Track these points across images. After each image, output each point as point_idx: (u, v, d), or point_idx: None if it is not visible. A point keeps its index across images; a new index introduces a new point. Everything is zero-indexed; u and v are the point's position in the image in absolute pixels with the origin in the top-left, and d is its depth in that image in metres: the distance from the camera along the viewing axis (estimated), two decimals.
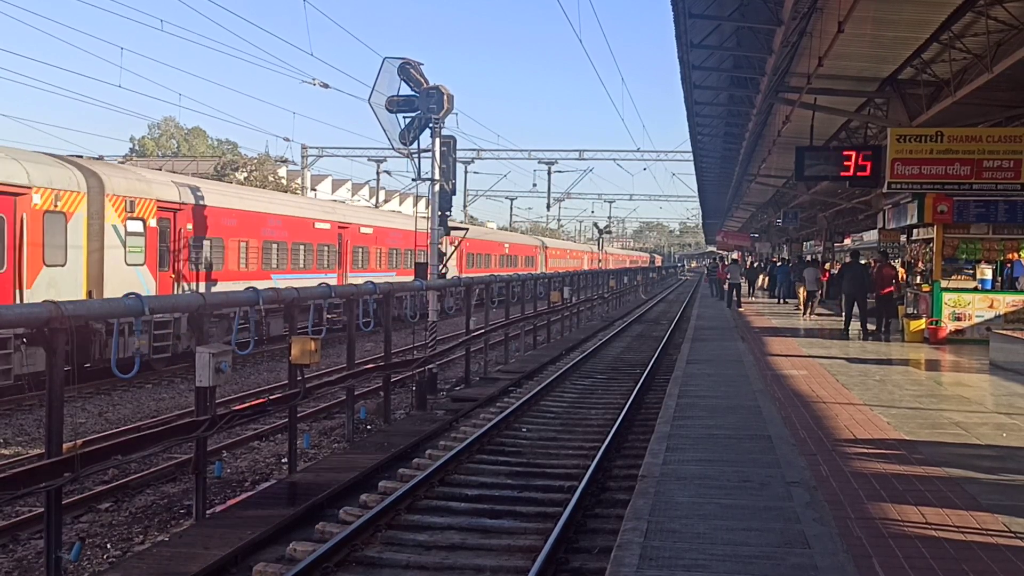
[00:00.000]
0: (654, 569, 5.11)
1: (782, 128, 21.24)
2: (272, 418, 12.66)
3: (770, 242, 57.25)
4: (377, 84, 17.53)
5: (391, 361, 13.71)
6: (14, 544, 8.32)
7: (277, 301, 10.45)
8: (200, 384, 8.19)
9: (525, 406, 14.14)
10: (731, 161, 33.37)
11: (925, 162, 16.68)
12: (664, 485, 6.85)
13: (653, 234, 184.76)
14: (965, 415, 9.90)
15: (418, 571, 7.13)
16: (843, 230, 40.83)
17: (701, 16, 14.80)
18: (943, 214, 17.52)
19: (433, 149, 17.72)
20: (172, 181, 20.54)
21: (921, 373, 13.70)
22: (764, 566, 5.14)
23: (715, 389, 11.82)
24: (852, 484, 6.90)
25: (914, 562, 5.19)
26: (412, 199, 54.76)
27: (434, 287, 16.54)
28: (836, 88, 17.55)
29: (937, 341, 17.40)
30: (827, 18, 13.03)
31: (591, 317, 34.53)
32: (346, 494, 9.32)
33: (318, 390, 11.29)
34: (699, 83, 20.08)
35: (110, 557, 8.02)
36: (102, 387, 16.49)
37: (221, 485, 10.27)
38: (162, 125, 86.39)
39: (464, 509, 8.72)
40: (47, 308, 6.55)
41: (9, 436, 12.90)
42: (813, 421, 9.48)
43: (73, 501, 9.20)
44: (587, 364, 20.36)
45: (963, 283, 17.81)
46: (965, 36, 13.93)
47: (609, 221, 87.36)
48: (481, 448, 11.33)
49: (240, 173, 53.38)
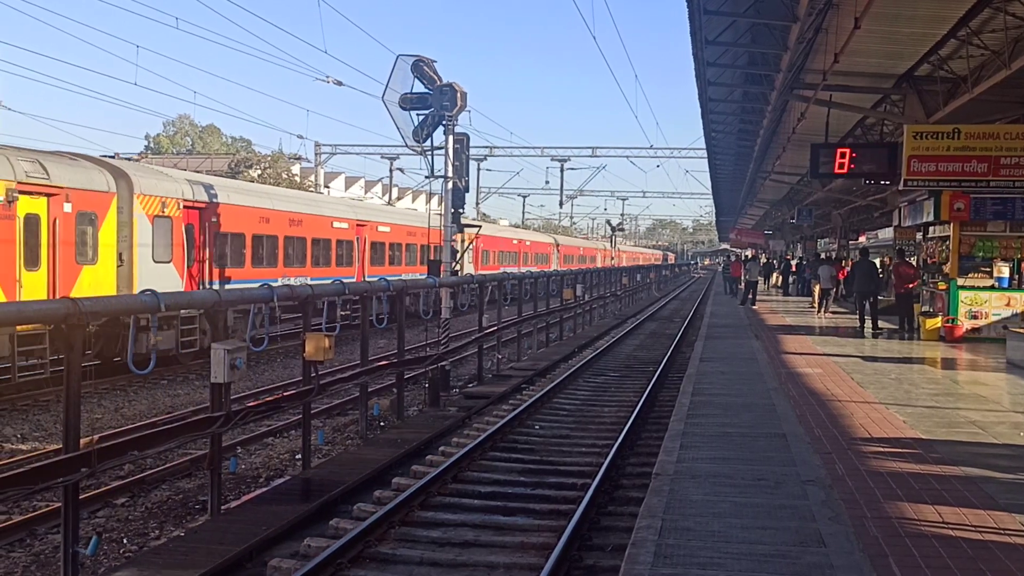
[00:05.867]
0: (668, 567, 5.09)
1: (797, 125, 21.13)
2: (286, 414, 12.71)
3: (784, 240, 57.04)
4: (391, 82, 17.53)
5: (404, 358, 13.73)
6: (31, 538, 8.38)
7: (292, 298, 10.48)
8: (215, 380, 8.22)
9: (538, 403, 14.13)
10: (745, 158, 33.25)
11: (942, 159, 16.56)
12: (678, 483, 6.83)
13: (666, 231, 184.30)
14: (982, 414, 9.83)
15: (431, 567, 7.15)
16: (858, 228, 40.61)
17: (716, 12, 14.74)
18: (960, 212, 17.41)
19: (446, 146, 17.71)
20: (198, 181, 20.82)
21: (937, 371, 13.62)
22: (779, 565, 5.12)
23: (729, 387, 11.78)
24: (868, 483, 6.86)
25: (931, 561, 5.16)
26: (425, 196, 54.81)
27: (447, 284, 16.55)
28: (852, 85, 17.45)
29: (953, 339, 17.29)
30: (843, 14, 12.96)
31: (604, 315, 34.48)
32: (360, 490, 9.35)
33: (332, 387, 11.33)
34: (713, 80, 20.02)
35: (126, 552, 8.07)
36: (118, 383, 16.59)
37: (236, 481, 10.31)
38: (177, 123, 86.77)
39: (477, 506, 8.73)
40: (64, 305, 6.59)
41: (26, 431, 13.00)
42: (828, 419, 9.44)
43: (90, 496, 9.25)
44: (600, 361, 20.33)
45: (980, 281, 17.69)
46: (982, 32, 13.82)
47: (622, 218, 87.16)
48: (494, 445, 11.34)
49: (254, 170, 53.53)
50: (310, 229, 24.97)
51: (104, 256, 16.67)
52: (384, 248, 30.41)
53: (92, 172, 16.69)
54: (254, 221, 22.07)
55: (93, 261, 16.41)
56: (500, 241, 45.60)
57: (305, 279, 22.97)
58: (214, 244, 20.02)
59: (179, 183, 19.32)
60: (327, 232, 26.06)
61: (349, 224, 27.64)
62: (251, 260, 21.94)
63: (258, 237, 22.27)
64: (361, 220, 28.56)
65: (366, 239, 28.75)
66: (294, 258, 24.10)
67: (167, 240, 18.31)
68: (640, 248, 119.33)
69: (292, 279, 22.46)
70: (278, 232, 23.21)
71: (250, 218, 21.88)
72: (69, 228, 15.73)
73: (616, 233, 72.39)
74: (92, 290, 15.78)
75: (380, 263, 29.72)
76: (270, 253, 22.84)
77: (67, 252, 15.72)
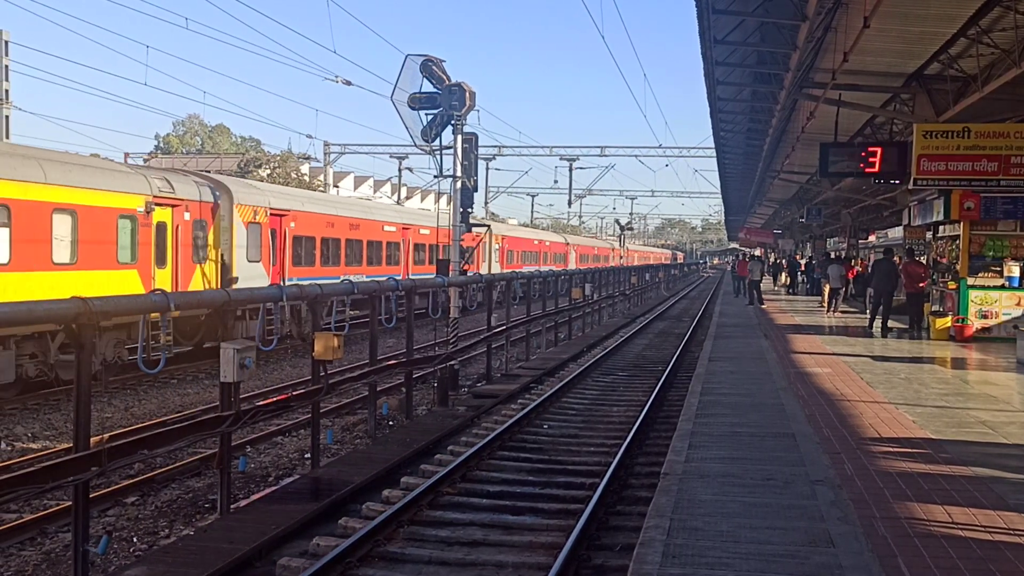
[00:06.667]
0: (677, 567, 5.09)
1: (806, 124, 21.06)
2: (295, 414, 12.75)
3: (793, 239, 56.86)
4: (400, 81, 17.54)
5: (413, 357, 13.75)
6: (42, 537, 8.43)
7: (300, 298, 10.51)
8: (224, 380, 8.25)
9: (547, 403, 14.14)
10: (754, 157, 33.14)
11: (952, 158, 16.48)
12: (687, 483, 6.83)
13: (675, 231, 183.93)
14: (992, 414, 9.80)
15: (440, 567, 7.16)
16: (867, 227, 40.47)
17: (725, 12, 14.70)
18: (970, 211, 17.34)
19: (455, 146, 17.72)
20: (280, 192, 24.48)
21: (947, 371, 13.56)
22: (788, 565, 5.11)
23: (738, 387, 11.76)
24: (877, 483, 6.85)
25: (940, 562, 5.14)
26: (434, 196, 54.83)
27: (456, 283, 16.56)
28: (861, 84, 17.37)
29: (963, 339, 17.22)
30: (852, 13, 12.91)
31: (612, 314, 34.46)
32: (369, 489, 9.37)
33: (341, 386, 11.34)
34: (722, 79, 19.96)
35: (136, 550, 8.10)
36: (128, 382, 16.66)
37: (245, 480, 10.34)
38: (187, 122, 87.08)
39: (486, 505, 8.74)
40: (75, 304, 6.61)
41: (37, 430, 13.07)
42: (837, 419, 9.42)
43: (100, 495, 9.30)
44: (609, 361, 20.32)
45: (990, 280, 17.61)
46: (992, 31, 13.76)
47: (631, 217, 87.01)
48: (503, 444, 11.34)
49: (263, 170, 53.64)
50: (365, 232, 27.64)
51: (212, 256, 19.37)
52: (425, 249, 32.54)
53: (203, 186, 19.39)
54: (322, 226, 24.65)
55: (204, 261, 19.07)
56: (523, 242, 48.27)
57: (362, 277, 23.84)
58: (292, 246, 22.77)
59: (266, 194, 22.24)
60: (379, 235, 28.70)
61: (396, 228, 30.17)
62: (320, 260, 24.48)
63: (325, 240, 24.85)
64: (406, 224, 31.05)
65: (410, 241, 31.08)
66: (352, 258, 26.60)
67: (257, 242, 20.96)
68: (650, 248, 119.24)
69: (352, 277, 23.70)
70: (340, 235, 25.78)
71: (319, 223, 24.50)
72: (188, 233, 18.47)
73: (625, 232, 72.33)
74: (203, 285, 18.73)
75: (422, 263, 31.95)
76: (334, 254, 25.42)
77: (186, 253, 18.41)
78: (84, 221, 15.36)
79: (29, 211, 14.24)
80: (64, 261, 14.97)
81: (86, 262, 15.44)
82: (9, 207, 13.92)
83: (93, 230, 15.58)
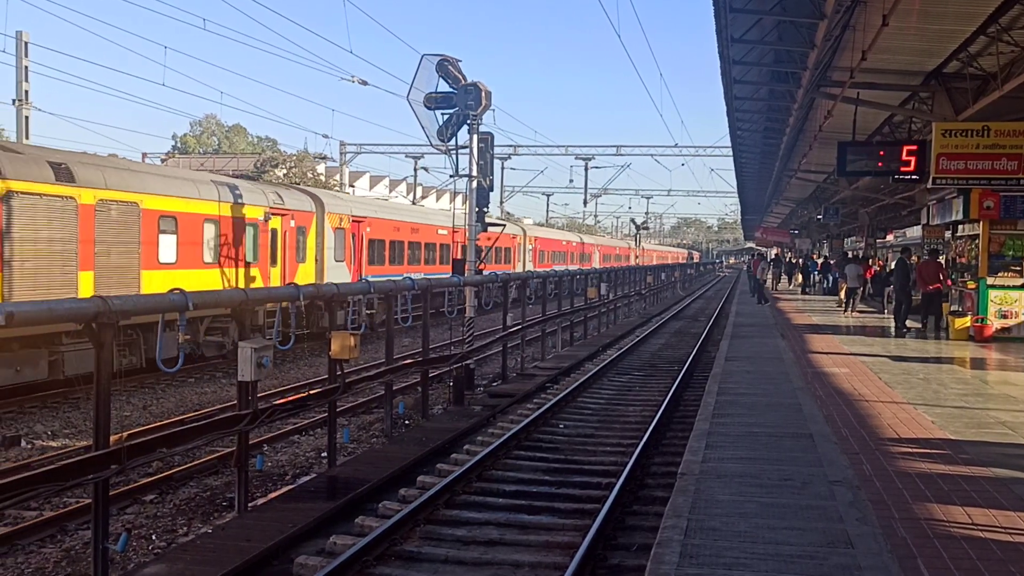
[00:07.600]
0: (694, 567, 5.08)
1: (824, 123, 20.94)
2: (312, 412, 12.79)
3: (810, 238, 56.56)
4: (416, 81, 17.57)
5: (429, 356, 13.77)
6: (62, 534, 8.50)
7: (317, 297, 10.54)
8: (242, 379, 8.29)
9: (562, 402, 14.13)
10: (771, 156, 32.99)
11: (971, 157, 16.35)
12: (704, 483, 6.81)
13: (691, 230, 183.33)
14: (1012, 414, 9.72)
15: (456, 566, 7.17)
16: (885, 226, 40.17)
17: (742, 11, 14.64)
18: (989, 210, 17.18)
19: (471, 145, 17.74)
20: (358, 201, 28.47)
21: (966, 371, 13.46)
22: (807, 566, 5.09)
23: (755, 386, 11.71)
24: (896, 483, 6.81)
25: (960, 563, 5.11)
26: (449, 195, 54.89)
27: (471, 283, 16.57)
28: (880, 82, 17.26)
29: (982, 339, 17.09)
30: (871, 11, 12.83)
31: (628, 313, 34.40)
32: (385, 488, 9.39)
33: (357, 385, 11.37)
34: (739, 78, 19.88)
35: (155, 548, 8.16)
36: (146, 381, 16.77)
37: (262, 478, 10.39)
38: (203, 122, 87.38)
39: (502, 505, 8.74)
40: (95, 303, 6.66)
41: (57, 428, 13.18)
42: (855, 419, 9.36)
43: (119, 493, 9.37)
44: (625, 360, 20.29)
45: (1010, 280, 17.46)
46: (1013, 29, 13.63)
47: (647, 217, 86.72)
48: (518, 444, 11.35)
49: (279, 170, 53.78)
50: (424, 235, 31.19)
51: (310, 256, 23.02)
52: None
53: (303, 198, 23.28)
54: (390, 230, 28.24)
55: (304, 260, 22.72)
56: (553, 243, 52.31)
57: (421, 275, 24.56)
58: (367, 248, 26.16)
59: (348, 204, 26.06)
60: (434, 237, 32.19)
61: (447, 231, 32.20)
62: (388, 259, 27.88)
63: (392, 242, 28.39)
64: (456, 227, 31.65)
65: (459, 243, 31.53)
66: (413, 258, 30.04)
67: (342, 245, 24.56)
68: (667, 247, 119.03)
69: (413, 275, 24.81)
70: (404, 238, 29.31)
71: (388, 228, 28.10)
72: (292, 238, 22.14)
73: (641, 232, 72.18)
74: (303, 281, 21.18)
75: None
76: (399, 254, 28.93)
77: (292, 254, 22.06)
78: (224, 229, 19.05)
79: (189, 222, 17.83)
80: (209, 261, 18.58)
81: (225, 262, 19.16)
82: (176, 218, 17.37)
83: (230, 236, 19.32)
